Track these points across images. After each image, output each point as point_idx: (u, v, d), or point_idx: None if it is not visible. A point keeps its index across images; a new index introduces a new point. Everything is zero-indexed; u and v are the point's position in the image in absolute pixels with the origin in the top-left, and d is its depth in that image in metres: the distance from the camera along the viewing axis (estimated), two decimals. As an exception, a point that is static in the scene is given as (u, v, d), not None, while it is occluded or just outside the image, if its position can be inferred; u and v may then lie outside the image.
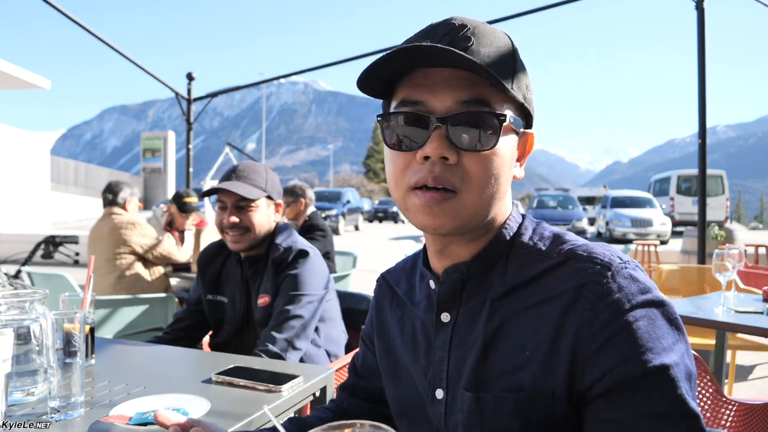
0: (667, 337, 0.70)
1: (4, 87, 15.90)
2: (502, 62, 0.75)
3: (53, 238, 4.93)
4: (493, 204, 0.78)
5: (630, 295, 0.71)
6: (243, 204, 1.90)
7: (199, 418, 0.77)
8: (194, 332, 2.09)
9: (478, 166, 0.74)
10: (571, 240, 0.80)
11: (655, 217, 17.80)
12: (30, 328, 1.16)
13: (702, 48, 5.15)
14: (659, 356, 0.68)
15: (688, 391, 0.69)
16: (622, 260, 0.75)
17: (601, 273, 0.73)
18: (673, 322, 0.72)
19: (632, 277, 0.73)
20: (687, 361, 0.71)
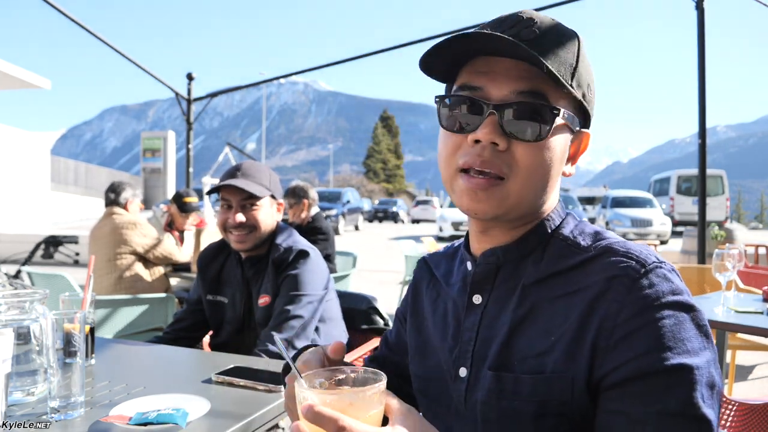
0: (692, 341, 0.69)
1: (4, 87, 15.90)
2: (564, 59, 0.77)
3: (53, 238, 4.93)
4: (538, 195, 0.79)
5: (660, 293, 0.71)
6: (249, 202, 1.89)
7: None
8: (194, 332, 2.09)
9: (526, 155, 0.76)
10: (611, 237, 0.80)
11: (655, 217, 17.79)
12: (30, 328, 1.16)
13: (702, 48, 5.15)
14: (681, 356, 0.68)
15: (706, 397, 0.68)
16: (659, 260, 0.75)
17: (633, 268, 0.73)
18: (702, 329, 0.71)
19: (665, 277, 0.73)
20: (712, 370, 0.69)
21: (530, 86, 0.76)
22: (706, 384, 0.68)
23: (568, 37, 0.79)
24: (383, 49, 6.52)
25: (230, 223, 1.89)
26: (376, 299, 2.33)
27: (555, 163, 0.79)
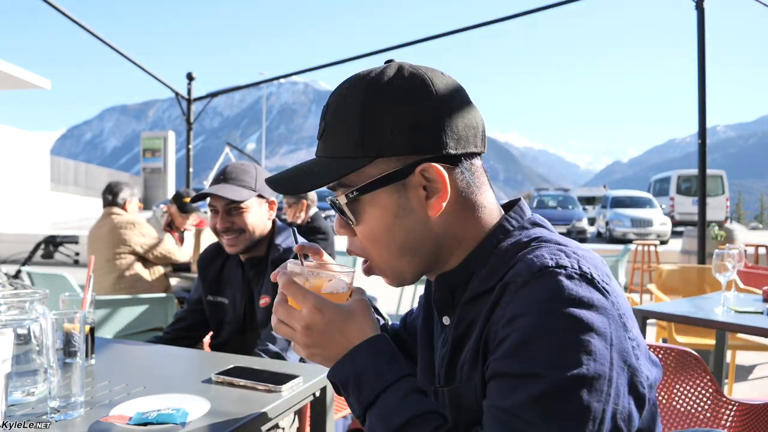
0: (548, 353, 0.67)
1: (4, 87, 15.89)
2: (346, 138, 0.79)
3: (53, 238, 4.93)
4: (415, 252, 0.82)
5: (536, 301, 0.70)
6: (233, 207, 1.89)
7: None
8: (195, 332, 2.08)
9: (366, 237, 0.83)
10: (540, 246, 0.78)
11: (655, 217, 17.78)
12: (30, 328, 1.16)
13: (702, 48, 5.15)
14: (530, 366, 0.68)
15: (540, 409, 0.66)
16: (561, 266, 0.71)
17: (522, 274, 0.73)
18: (576, 342, 0.67)
19: (559, 285, 0.70)
20: (566, 386, 0.66)
21: (338, 186, 0.83)
22: (547, 397, 0.66)
23: (343, 111, 0.80)
24: (383, 49, 6.52)
25: (218, 228, 1.90)
26: (376, 299, 2.33)
27: (399, 223, 0.81)
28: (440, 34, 6.37)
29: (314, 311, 0.80)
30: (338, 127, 0.81)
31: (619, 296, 0.74)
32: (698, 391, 1.58)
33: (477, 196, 0.84)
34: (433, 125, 0.78)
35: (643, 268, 7.35)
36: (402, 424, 0.75)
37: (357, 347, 0.80)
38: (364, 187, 0.80)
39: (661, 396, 1.64)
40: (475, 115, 0.83)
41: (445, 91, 0.81)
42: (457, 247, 0.84)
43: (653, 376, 0.75)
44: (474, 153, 0.83)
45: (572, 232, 18.25)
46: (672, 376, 1.62)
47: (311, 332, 0.81)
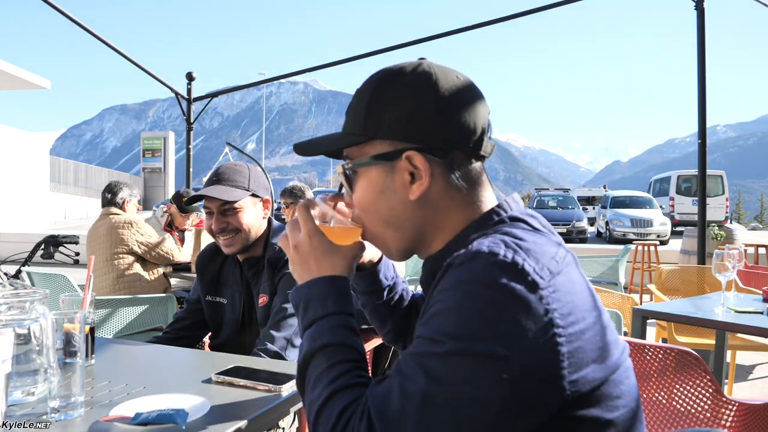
0: (453, 327, 0.72)
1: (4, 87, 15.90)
2: (353, 119, 0.91)
3: (53, 238, 4.93)
4: (397, 228, 0.91)
5: (461, 278, 0.74)
6: (227, 207, 1.89)
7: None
8: (194, 331, 2.08)
9: (358, 205, 0.93)
10: (493, 236, 0.81)
11: (655, 217, 17.79)
12: (30, 328, 1.16)
13: (702, 48, 5.15)
14: (431, 332, 0.74)
15: (423, 371, 0.72)
16: (492, 253, 0.74)
17: (461, 256, 0.77)
18: (483, 323, 0.71)
19: (483, 268, 0.73)
20: (451, 362, 0.71)
21: (345, 162, 0.94)
22: (437, 357, 0.72)
23: (360, 95, 0.91)
24: (383, 49, 6.52)
25: (213, 228, 1.90)
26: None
27: (382, 201, 0.90)
28: (440, 34, 6.37)
29: (306, 235, 0.93)
30: (354, 108, 0.92)
31: (560, 292, 0.74)
32: (698, 391, 1.58)
33: (463, 192, 0.89)
34: (425, 120, 0.86)
35: (643, 268, 7.35)
36: (320, 347, 0.85)
37: (318, 278, 0.91)
38: (358, 162, 0.91)
39: (661, 396, 1.64)
40: (474, 118, 0.88)
41: (446, 90, 0.87)
42: (439, 234, 0.91)
43: (596, 375, 0.75)
44: (467, 151, 0.89)
45: (572, 232, 18.26)
46: (672, 376, 1.62)
47: (297, 251, 0.94)
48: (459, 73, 0.91)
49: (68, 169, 25.36)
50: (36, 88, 15.95)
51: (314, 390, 0.83)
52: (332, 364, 0.83)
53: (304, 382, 0.86)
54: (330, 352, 0.84)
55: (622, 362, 0.80)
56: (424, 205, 0.89)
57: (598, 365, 0.75)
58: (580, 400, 0.74)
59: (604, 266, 5.84)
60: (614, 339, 0.80)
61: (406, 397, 0.72)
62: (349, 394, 0.80)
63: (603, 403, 0.76)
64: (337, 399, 0.79)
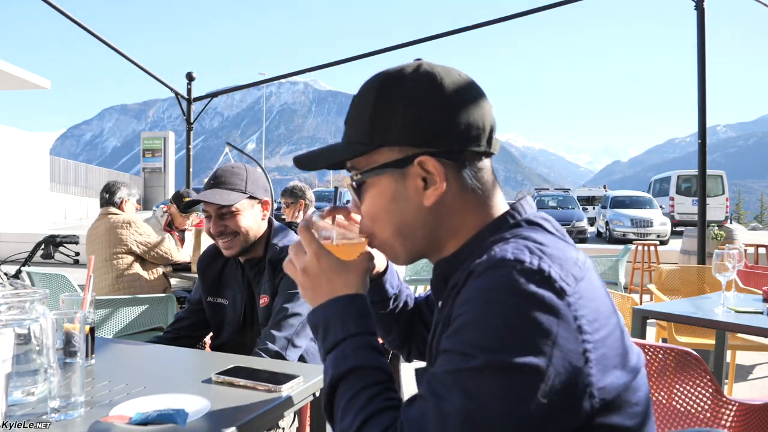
0: (483, 339, 0.70)
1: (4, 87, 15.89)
2: (357, 128, 0.88)
3: (53, 237, 4.93)
4: (408, 235, 0.88)
5: (484, 288, 0.73)
6: (225, 210, 1.90)
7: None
8: (195, 331, 2.09)
9: (368, 216, 0.91)
10: (514, 240, 0.79)
11: (655, 217, 17.79)
12: (30, 328, 1.16)
13: (702, 48, 5.15)
14: (461, 345, 0.72)
15: (460, 386, 0.69)
16: (518, 260, 0.73)
17: (482, 263, 0.75)
18: (512, 331, 0.69)
19: (510, 277, 0.71)
20: (485, 375, 0.68)
21: (352, 174, 0.91)
22: (471, 373, 0.69)
23: (361, 103, 0.88)
24: (383, 49, 6.52)
25: (212, 232, 1.91)
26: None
27: (394, 208, 0.87)
28: (440, 34, 6.37)
29: (313, 257, 0.90)
30: (355, 116, 0.89)
31: (585, 299, 0.73)
32: (698, 391, 1.58)
33: (477, 194, 0.87)
34: (435, 122, 0.83)
35: (643, 268, 7.35)
36: (346, 371, 0.82)
37: (335, 298, 0.88)
38: (367, 171, 0.88)
39: (661, 396, 1.64)
40: (482, 116, 0.86)
41: (452, 90, 0.85)
42: (453, 238, 0.89)
43: (619, 382, 0.74)
44: (478, 152, 0.86)
45: (572, 232, 18.26)
46: (672, 376, 1.62)
47: (306, 274, 0.90)
48: (459, 71, 0.88)
49: (68, 169, 25.35)
50: (36, 88, 15.95)
51: (345, 418, 0.80)
52: (361, 388, 0.80)
53: (332, 409, 0.83)
54: (357, 376, 0.81)
55: (640, 367, 0.79)
56: (438, 210, 0.86)
57: (620, 371, 0.75)
58: (605, 408, 0.73)
59: (604, 266, 5.84)
60: (630, 344, 0.79)
61: (443, 418, 0.69)
62: (382, 419, 0.77)
63: (624, 410, 0.75)
64: (371, 426, 0.76)
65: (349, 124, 0.90)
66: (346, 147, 0.89)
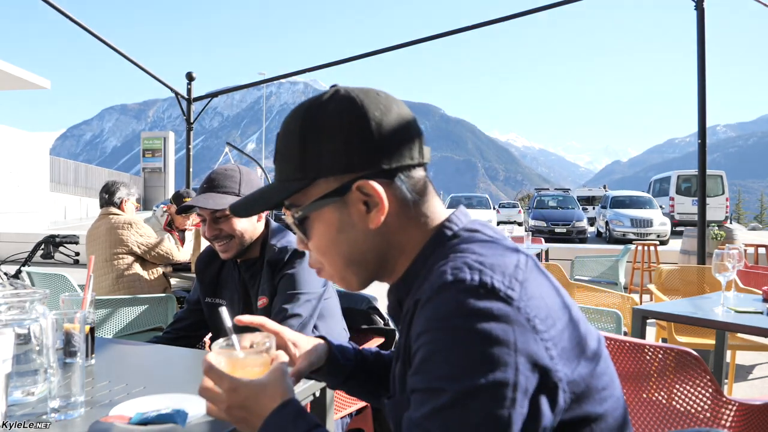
0: (446, 367, 0.70)
1: (4, 87, 15.90)
2: (288, 162, 0.87)
3: (53, 237, 4.93)
4: (359, 263, 0.88)
5: (434, 317, 0.72)
6: (219, 215, 1.89)
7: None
8: (195, 331, 2.09)
9: (317, 250, 0.90)
10: (453, 258, 0.79)
11: (655, 217, 17.79)
12: (30, 328, 1.16)
13: (702, 48, 5.15)
14: (430, 380, 0.71)
15: (442, 420, 0.68)
16: (459, 280, 0.73)
17: (426, 290, 0.75)
18: (473, 354, 0.69)
19: (456, 300, 0.71)
20: (467, 401, 0.68)
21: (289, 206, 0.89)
22: (448, 409, 0.69)
23: (288, 139, 0.87)
24: (383, 49, 6.52)
25: (207, 236, 1.91)
26: (376, 299, 2.33)
27: (339, 238, 0.86)
28: (440, 34, 6.37)
29: (230, 392, 0.87)
30: (283, 153, 0.88)
31: (533, 299, 0.73)
32: (698, 391, 1.58)
33: (418, 207, 0.87)
34: (364, 144, 0.83)
35: (643, 268, 7.35)
36: None
37: (268, 417, 0.85)
38: (307, 207, 0.86)
39: (661, 396, 1.64)
40: (409, 129, 0.86)
41: (375, 110, 0.84)
42: (400, 256, 0.89)
43: (584, 371, 0.75)
44: (411, 165, 0.86)
45: (572, 232, 18.25)
46: (672, 376, 1.62)
47: (232, 410, 0.87)
48: (377, 90, 0.88)
49: (68, 169, 25.35)
50: (36, 88, 15.95)
51: None
52: None
53: None
54: None
55: (601, 352, 0.80)
56: (384, 231, 0.86)
57: (581, 360, 0.76)
58: (575, 400, 0.74)
59: (604, 266, 5.85)
60: (588, 330, 0.80)
61: None
62: None
63: (592, 397, 0.76)
64: None
65: (280, 161, 0.89)
66: (282, 186, 0.88)
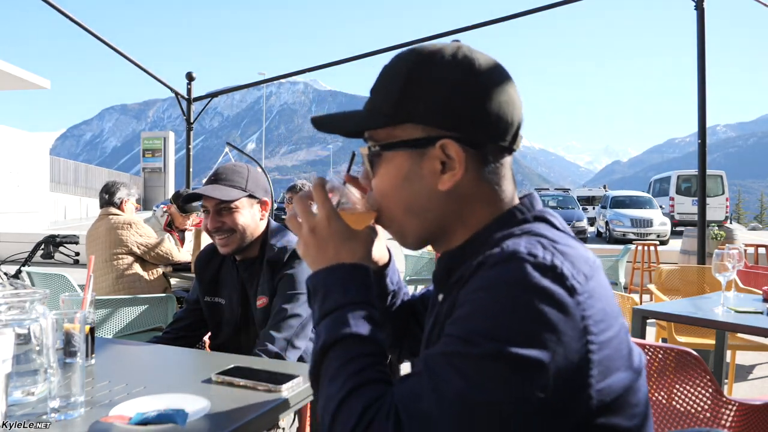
0: (499, 330, 0.69)
1: (4, 87, 15.90)
2: (384, 97, 0.85)
3: (53, 237, 4.93)
4: (417, 215, 0.86)
5: (502, 281, 0.71)
6: (223, 207, 1.90)
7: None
8: (194, 331, 2.09)
9: (378, 191, 0.88)
10: (526, 236, 0.78)
11: (655, 217, 17.79)
12: (30, 328, 1.16)
13: (702, 48, 5.15)
14: (476, 334, 0.70)
15: (462, 368, 0.68)
16: (531, 254, 0.72)
17: (494, 255, 0.74)
18: (523, 328, 0.68)
19: (522, 270, 0.70)
20: (491, 362, 0.67)
21: (368, 141, 0.89)
22: (473, 359, 0.68)
23: (392, 72, 0.85)
24: (383, 49, 6.52)
25: (209, 227, 1.91)
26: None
27: (406, 187, 0.85)
28: (440, 34, 6.37)
29: (324, 218, 0.87)
30: (384, 86, 0.86)
31: (593, 299, 0.72)
32: (698, 391, 1.58)
33: (494, 187, 0.86)
34: (465, 108, 0.82)
35: (643, 268, 7.35)
36: (341, 337, 0.79)
37: (338, 264, 0.85)
38: (385, 145, 0.85)
39: (661, 396, 1.64)
40: (512, 111, 0.84)
41: (489, 80, 0.83)
42: (461, 227, 0.87)
43: (622, 383, 0.74)
44: (502, 146, 0.85)
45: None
46: (672, 376, 1.62)
47: (313, 235, 0.87)
48: (498, 63, 0.86)
49: (68, 169, 25.35)
50: (36, 88, 15.95)
51: (333, 383, 0.77)
52: (354, 356, 0.78)
53: (319, 374, 0.80)
54: (352, 343, 0.79)
55: (642, 367, 0.79)
56: (451, 197, 0.84)
57: (623, 373, 0.74)
58: (603, 409, 0.73)
59: (604, 266, 5.85)
60: (633, 344, 0.79)
61: (441, 399, 0.68)
62: (372, 390, 0.74)
63: (624, 412, 0.75)
64: (359, 395, 0.74)
65: (376, 91, 0.87)
66: (369, 115, 0.86)
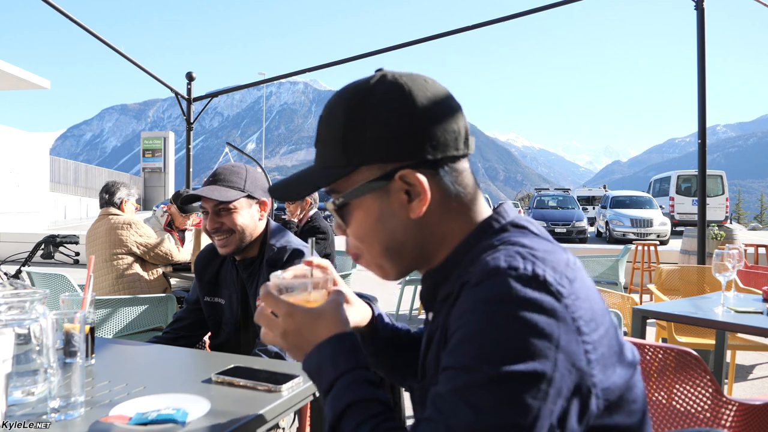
0: (482, 347, 0.69)
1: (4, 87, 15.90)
2: (330, 148, 0.85)
3: (53, 237, 4.93)
4: (397, 252, 0.87)
5: (481, 299, 0.71)
6: (222, 207, 1.90)
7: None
8: (194, 331, 2.09)
9: (355, 237, 0.89)
10: (504, 248, 0.78)
11: (655, 217, 17.79)
12: (30, 328, 1.16)
13: (702, 48, 5.15)
14: (463, 359, 0.70)
15: (472, 401, 0.67)
16: (512, 267, 0.72)
17: (477, 273, 0.74)
18: (519, 343, 0.68)
19: (507, 285, 0.71)
20: (492, 385, 0.67)
21: (330, 191, 0.89)
22: (479, 388, 0.67)
23: (331, 123, 0.85)
24: (383, 49, 6.52)
25: (208, 228, 1.91)
26: (376, 299, 2.33)
27: (381, 226, 0.85)
28: (441, 34, 6.37)
29: (287, 317, 0.87)
30: (326, 138, 0.86)
31: (580, 300, 0.72)
32: (698, 391, 1.58)
33: (460, 199, 0.86)
34: (410, 133, 0.81)
35: (643, 268, 7.35)
36: (343, 408, 0.80)
37: (321, 342, 0.86)
38: (349, 194, 0.86)
39: (661, 396, 1.64)
40: (456, 119, 0.84)
41: (423, 98, 0.83)
42: (441, 247, 0.87)
43: (621, 380, 0.74)
44: (456, 156, 0.84)
45: (572, 232, 18.26)
46: (672, 376, 1.62)
47: (287, 335, 0.87)
48: (424, 77, 0.86)
49: (68, 169, 25.36)
50: (36, 88, 15.96)
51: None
52: (359, 423, 0.78)
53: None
54: (354, 411, 0.79)
55: (636, 362, 0.79)
56: (425, 221, 0.85)
57: (619, 368, 0.75)
58: (608, 408, 0.73)
59: (604, 266, 5.84)
60: (623, 340, 0.79)
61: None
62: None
63: (624, 409, 0.75)
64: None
65: (322, 145, 0.87)
66: (324, 172, 0.87)
